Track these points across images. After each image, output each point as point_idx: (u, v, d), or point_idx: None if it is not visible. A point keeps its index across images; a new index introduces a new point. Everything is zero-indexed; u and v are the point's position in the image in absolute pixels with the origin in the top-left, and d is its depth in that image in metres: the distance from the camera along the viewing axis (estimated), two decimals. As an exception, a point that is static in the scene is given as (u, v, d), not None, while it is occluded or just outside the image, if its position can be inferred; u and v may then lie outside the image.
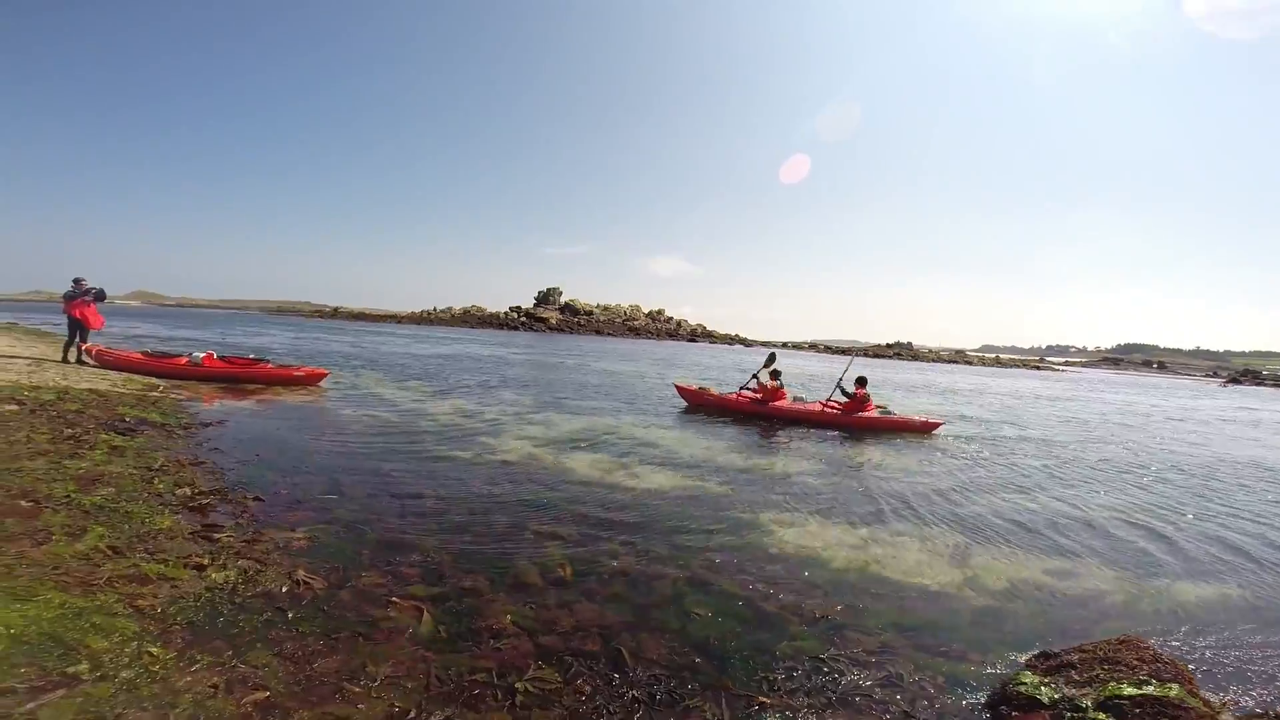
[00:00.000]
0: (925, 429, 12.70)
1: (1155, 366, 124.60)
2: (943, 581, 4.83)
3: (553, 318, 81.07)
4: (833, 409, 12.80)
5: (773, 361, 14.44)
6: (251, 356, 13.91)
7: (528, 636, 3.43)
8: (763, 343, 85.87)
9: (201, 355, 12.76)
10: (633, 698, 2.96)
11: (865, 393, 12.87)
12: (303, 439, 7.97)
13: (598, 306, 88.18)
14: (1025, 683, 3.20)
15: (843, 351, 77.32)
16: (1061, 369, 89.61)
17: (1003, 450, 11.62)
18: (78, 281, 12.35)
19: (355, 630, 3.30)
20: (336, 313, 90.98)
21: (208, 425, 8.11)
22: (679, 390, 14.83)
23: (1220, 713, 2.92)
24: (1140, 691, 2.94)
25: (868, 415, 12.66)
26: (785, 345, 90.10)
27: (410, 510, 5.43)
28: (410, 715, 2.66)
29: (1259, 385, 70.63)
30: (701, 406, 14.02)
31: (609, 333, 78.72)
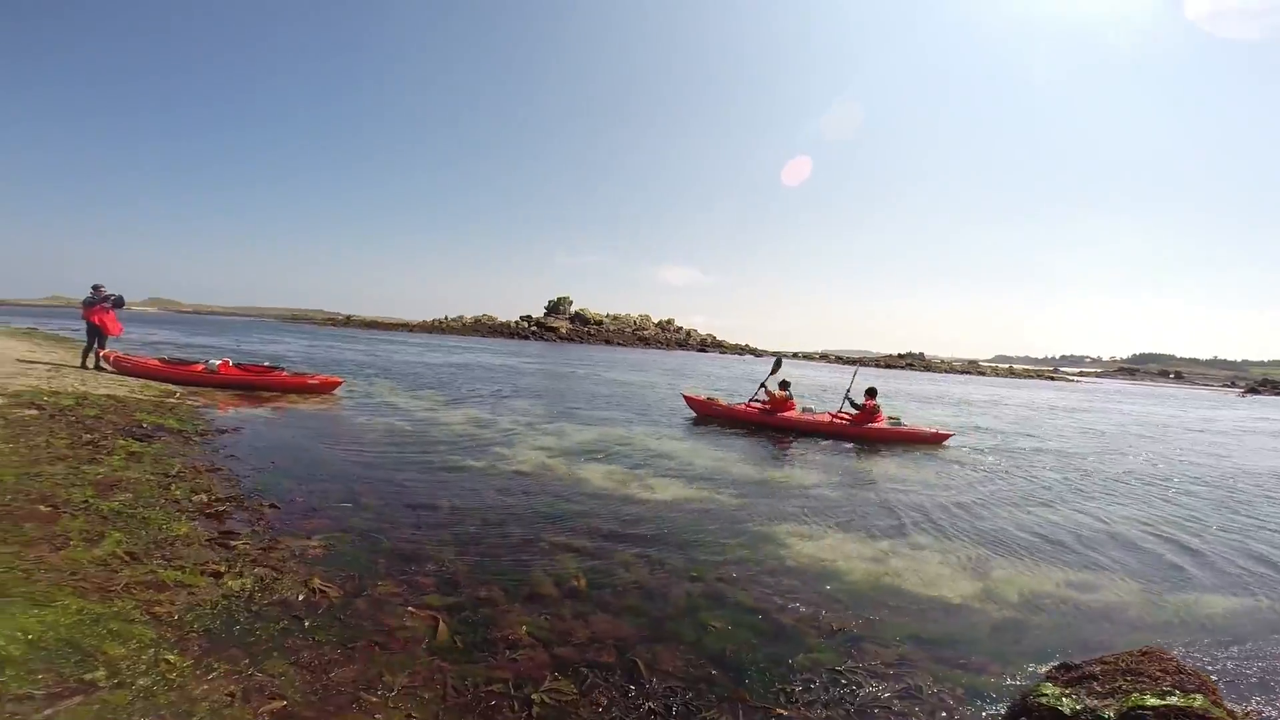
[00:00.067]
0: (936, 440, 12.59)
1: (1172, 376, 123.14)
2: (961, 593, 4.77)
3: (563, 327, 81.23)
4: (842, 420, 12.74)
5: (779, 368, 14.34)
6: (267, 364, 14.02)
7: (543, 647, 3.41)
8: (772, 353, 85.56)
9: (218, 362, 12.88)
10: (649, 709, 2.93)
11: (875, 404, 12.75)
12: (318, 447, 8.01)
13: (608, 316, 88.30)
14: (1046, 694, 3.14)
15: (853, 362, 77.05)
16: (1076, 379, 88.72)
17: (1020, 462, 11.50)
18: (97, 288, 12.52)
19: (371, 639, 3.29)
20: (349, 321, 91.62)
21: (224, 432, 8.17)
22: (687, 400, 14.79)
23: (1245, 723, 2.87)
24: (1164, 702, 2.88)
25: (877, 426, 12.55)
26: (796, 355, 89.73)
27: (425, 519, 5.43)
28: (427, 726, 2.65)
29: (1278, 395, 69.57)
30: (710, 417, 13.96)
31: (619, 342, 78.77)
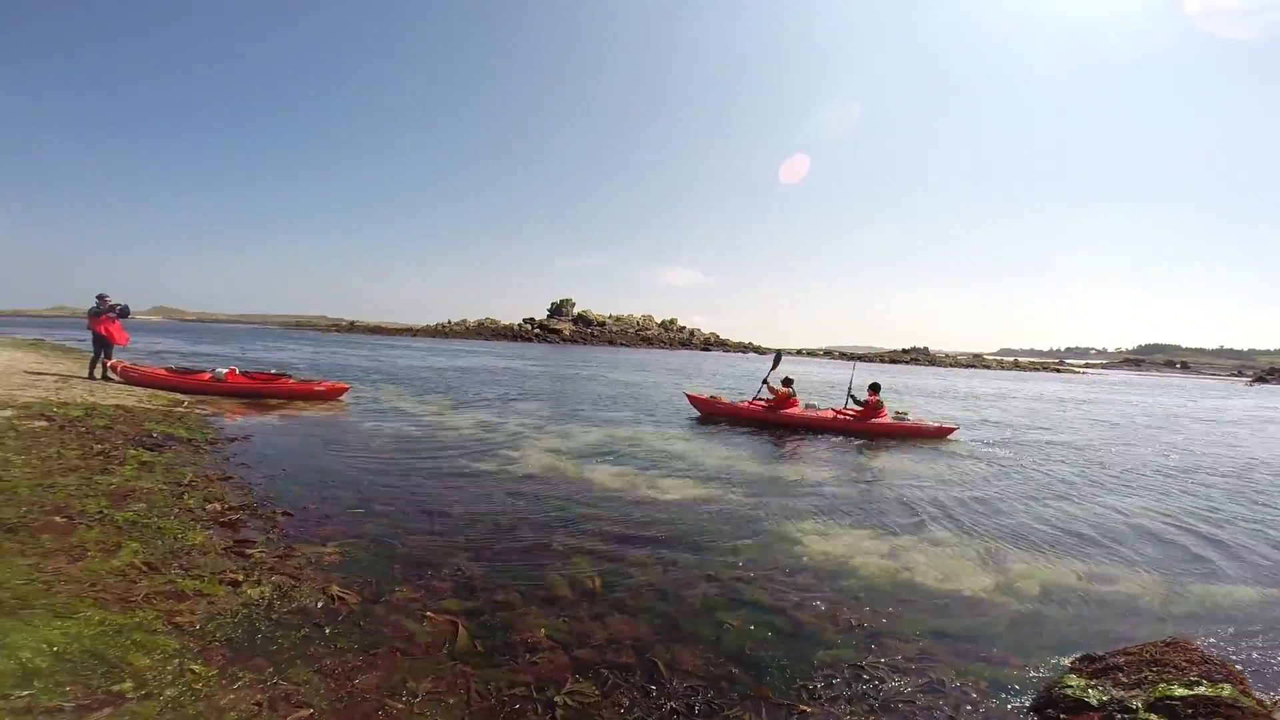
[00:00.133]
0: (940, 434, 12.59)
1: (1178, 367, 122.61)
2: (979, 587, 4.75)
3: (566, 329, 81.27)
4: (846, 416, 12.73)
5: (779, 362, 14.34)
6: (273, 371, 14.06)
7: (562, 650, 3.41)
8: (774, 350, 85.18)
9: (224, 371, 12.90)
10: (671, 709, 2.93)
11: (878, 399, 12.77)
12: (327, 453, 8.02)
13: (610, 317, 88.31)
14: (1071, 685, 3.14)
15: (857, 358, 76.89)
16: (1082, 371, 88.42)
17: (1033, 454, 11.48)
18: (101, 298, 12.54)
19: (393, 645, 3.29)
20: (353, 327, 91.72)
21: (233, 440, 8.19)
22: (690, 399, 14.79)
23: (1275, 712, 2.87)
24: (1192, 692, 2.88)
25: (881, 421, 12.56)
26: (799, 352, 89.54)
27: (437, 524, 5.43)
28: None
29: (1286, 383, 69.23)
30: (714, 415, 13.97)
31: (622, 343, 78.77)
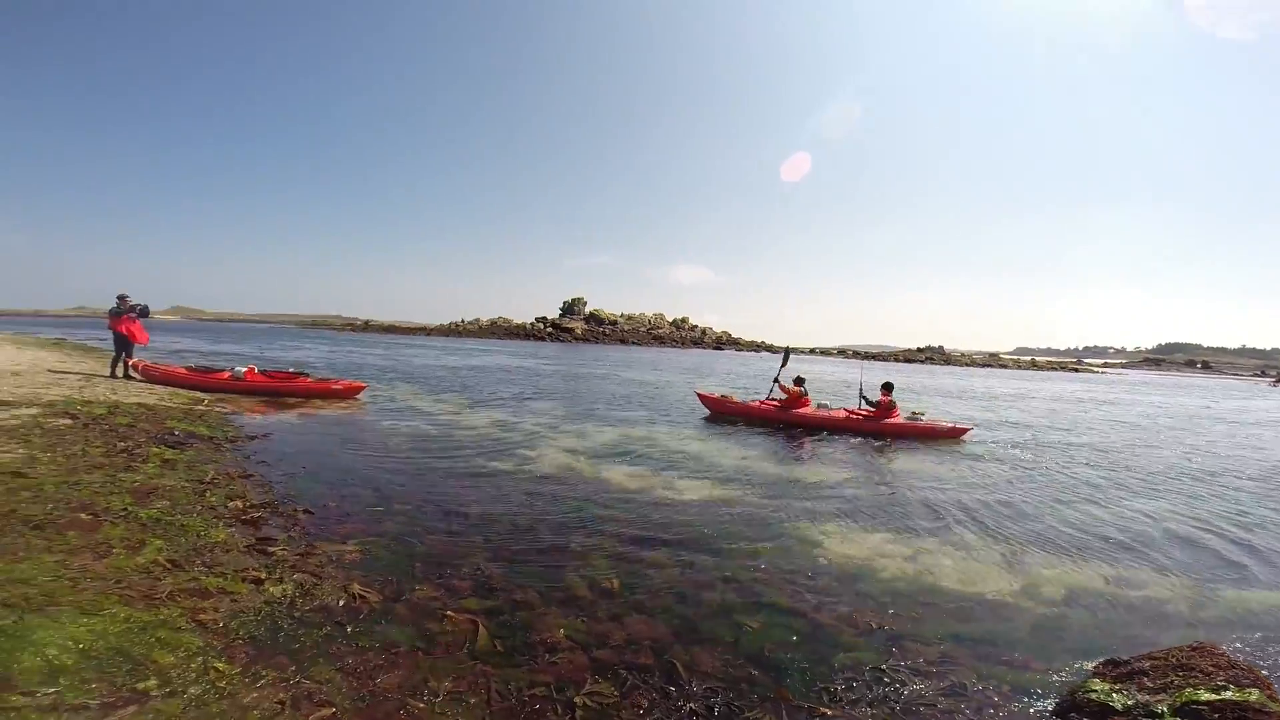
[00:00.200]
0: (954, 435, 12.43)
1: (1199, 366, 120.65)
2: (1001, 590, 4.70)
3: (578, 328, 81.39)
4: (858, 416, 12.64)
5: (788, 360, 14.28)
6: (291, 370, 14.20)
7: (582, 650, 3.41)
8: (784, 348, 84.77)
9: (243, 369, 13.06)
10: (690, 710, 2.92)
11: (890, 399, 12.65)
12: (346, 451, 8.08)
13: (622, 316, 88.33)
14: (1096, 690, 3.09)
15: (872, 357, 76.23)
16: (1101, 370, 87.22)
17: (1054, 455, 11.34)
18: (122, 298, 12.73)
19: (414, 644, 3.31)
20: (368, 326, 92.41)
21: (253, 438, 8.28)
22: (701, 398, 14.76)
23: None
24: (1219, 697, 2.82)
25: (894, 421, 12.44)
26: (813, 351, 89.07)
27: (456, 523, 5.45)
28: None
29: (1312, 384, 67.92)
30: (725, 414, 13.94)
31: (634, 342, 78.75)
